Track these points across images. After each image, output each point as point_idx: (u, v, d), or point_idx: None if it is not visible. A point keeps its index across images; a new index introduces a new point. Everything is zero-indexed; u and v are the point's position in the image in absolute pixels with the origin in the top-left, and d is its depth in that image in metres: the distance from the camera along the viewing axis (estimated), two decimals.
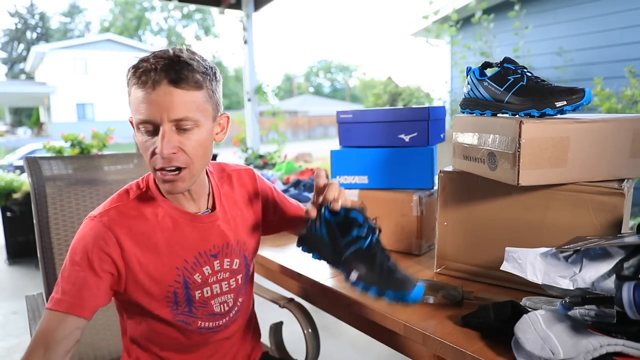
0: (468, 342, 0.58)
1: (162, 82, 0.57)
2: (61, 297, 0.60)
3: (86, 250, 0.62)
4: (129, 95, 0.61)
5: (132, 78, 0.59)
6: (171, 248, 0.66)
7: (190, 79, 0.58)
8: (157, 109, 0.57)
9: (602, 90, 2.51)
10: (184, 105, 0.58)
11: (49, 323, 0.59)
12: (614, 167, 0.67)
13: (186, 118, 0.59)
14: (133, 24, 27.71)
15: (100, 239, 0.62)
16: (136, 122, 0.60)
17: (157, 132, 0.59)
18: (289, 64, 52.23)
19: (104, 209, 0.65)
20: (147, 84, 0.57)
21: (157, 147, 0.58)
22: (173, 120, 0.58)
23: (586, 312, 0.53)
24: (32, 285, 2.60)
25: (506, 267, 0.58)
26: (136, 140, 0.64)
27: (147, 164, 0.62)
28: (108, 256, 0.62)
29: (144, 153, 0.62)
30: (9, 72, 27.85)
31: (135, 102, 0.59)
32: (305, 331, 0.93)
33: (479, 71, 0.76)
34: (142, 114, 0.58)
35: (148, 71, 0.57)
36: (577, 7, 3.49)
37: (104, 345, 0.99)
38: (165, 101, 0.57)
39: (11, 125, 22.85)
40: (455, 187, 0.79)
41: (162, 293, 0.67)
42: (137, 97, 0.58)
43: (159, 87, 0.57)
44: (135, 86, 0.58)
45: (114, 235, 0.63)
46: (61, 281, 0.62)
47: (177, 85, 0.57)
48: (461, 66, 3.73)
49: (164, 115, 0.57)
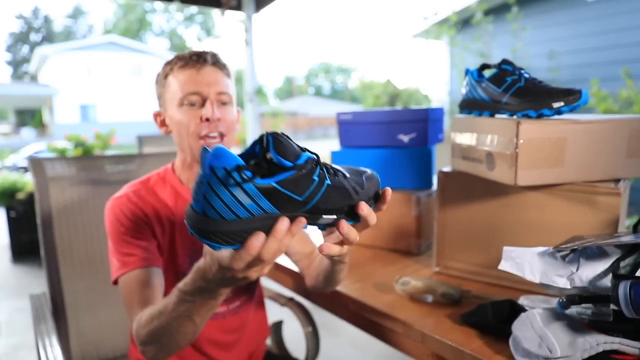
0: (466, 340, 0.58)
1: (206, 63, 0.69)
2: (127, 259, 0.64)
3: (124, 221, 0.67)
4: (163, 86, 0.71)
5: (178, 62, 0.69)
6: (184, 230, 0.71)
7: (225, 66, 0.72)
8: (206, 82, 0.68)
9: (598, 91, 2.51)
10: (224, 83, 0.71)
11: (131, 284, 0.62)
12: (611, 167, 0.67)
13: (226, 92, 0.71)
14: (135, 26, 27.83)
15: (131, 211, 0.68)
16: (183, 96, 0.68)
17: (203, 105, 0.69)
18: (290, 66, 52.31)
19: (126, 191, 0.71)
20: (197, 63, 0.69)
21: (206, 112, 0.67)
22: (218, 93, 0.69)
23: (583, 311, 0.53)
24: (36, 284, 2.62)
25: (504, 267, 0.58)
26: (174, 121, 0.70)
27: (189, 135, 0.69)
28: (144, 223, 0.69)
29: (187, 126, 0.69)
30: (13, 73, 28.02)
31: (183, 79, 0.69)
32: (305, 329, 0.94)
33: (477, 72, 0.76)
34: (193, 87, 0.68)
35: (197, 54, 0.70)
36: (574, 9, 3.49)
37: (107, 343, 1.00)
38: (211, 77, 0.69)
39: (15, 126, 22.97)
40: (454, 187, 0.80)
41: (173, 275, 0.70)
42: (185, 74, 0.69)
43: (205, 66, 0.69)
44: (184, 68, 0.69)
45: (141, 209, 0.69)
46: (117, 255, 0.65)
47: (218, 67, 0.71)
48: (460, 67, 3.73)
49: (211, 88, 0.69)
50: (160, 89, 0.72)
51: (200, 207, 0.36)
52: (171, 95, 0.70)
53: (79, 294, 0.97)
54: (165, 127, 0.73)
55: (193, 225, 0.37)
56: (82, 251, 0.98)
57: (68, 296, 0.96)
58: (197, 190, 0.37)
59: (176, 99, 0.69)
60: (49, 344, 0.78)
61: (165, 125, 0.73)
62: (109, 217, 0.68)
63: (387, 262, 0.91)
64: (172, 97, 0.69)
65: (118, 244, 0.66)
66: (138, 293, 0.60)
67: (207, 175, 0.35)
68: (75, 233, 0.98)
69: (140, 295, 0.60)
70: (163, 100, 0.72)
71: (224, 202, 0.36)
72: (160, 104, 0.73)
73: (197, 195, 0.36)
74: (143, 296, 0.59)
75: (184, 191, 0.73)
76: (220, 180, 0.35)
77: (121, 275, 0.63)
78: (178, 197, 0.73)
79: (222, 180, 0.35)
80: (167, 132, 0.73)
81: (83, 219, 0.99)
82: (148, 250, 0.66)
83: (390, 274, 0.82)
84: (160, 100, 0.73)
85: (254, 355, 0.83)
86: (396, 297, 0.72)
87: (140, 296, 0.60)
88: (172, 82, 0.69)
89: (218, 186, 0.35)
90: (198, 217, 0.37)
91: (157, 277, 0.64)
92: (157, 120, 0.75)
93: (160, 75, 0.72)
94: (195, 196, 0.37)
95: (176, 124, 0.70)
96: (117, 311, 1.01)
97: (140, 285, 0.61)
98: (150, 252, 0.66)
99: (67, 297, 0.95)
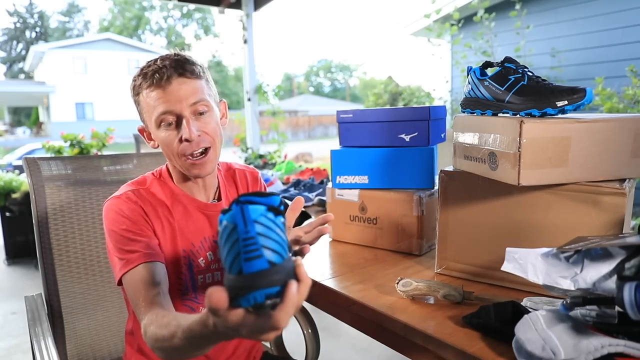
0: (469, 342, 0.58)
1: (173, 76, 0.65)
2: (130, 256, 0.62)
3: (125, 220, 0.66)
4: (138, 104, 0.68)
5: (144, 82, 0.66)
6: (181, 231, 0.71)
7: (193, 70, 0.67)
8: (175, 98, 0.65)
9: (603, 89, 2.51)
10: (196, 91, 0.66)
11: (136, 282, 0.60)
12: (615, 167, 0.66)
13: (201, 100, 0.66)
14: (132, 23, 27.67)
15: (132, 209, 0.67)
16: (156, 117, 0.66)
17: (179, 124, 0.66)
18: (289, 64, 52.25)
19: (125, 191, 0.70)
20: (162, 80, 0.64)
21: (183, 134, 0.65)
22: (192, 105, 0.66)
23: (587, 313, 0.53)
24: (31, 286, 2.60)
25: (507, 268, 0.58)
26: (157, 141, 0.69)
27: (173, 156, 0.68)
28: (144, 221, 0.68)
29: (169, 146, 0.67)
30: (8, 71, 27.82)
31: (152, 101, 0.65)
32: (305, 331, 0.93)
33: (479, 71, 0.75)
34: (164, 106, 0.65)
35: (159, 70, 0.65)
36: (578, 7, 3.48)
37: (103, 345, 0.99)
38: (181, 91, 0.65)
39: (10, 125, 22.83)
40: (456, 187, 0.79)
41: (173, 274, 0.70)
42: (153, 96, 0.65)
43: (173, 80, 0.65)
44: (149, 88, 0.65)
45: (141, 207, 0.68)
46: (118, 253, 0.64)
47: (185, 77, 0.66)
48: (462, 66, 3.72)
49: (183, 103, 0.65)
50: (136, 106, 0.71)
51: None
52: (148, 115, 0.68)
53: (75, 296, 0.96)
54: (152, 141, 0.72)
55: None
56: (78, 252, 0.97)
57: (64, 298, 0.94)
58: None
59: (152, 119, 0.67)
60: (45, 347, 0.77)
61: (152, 139, 0.72)
62: (109, 216, 0.67)
63: (389, 263, 0.90)
64: (149, 116, 0.68)
65: (119, 242, 0.64)
66: (144, 291, 0.59)
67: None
68: (71, 234, 0.96)
69: (146, 293, 0.59)
70: (142, 117, 0.71)
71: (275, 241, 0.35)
72: (142, 120, 0.72)
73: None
74: (149, 294, 0.59)
75: (179, 192, 0.74)
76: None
77: (125, 274, 0.62)
78: (174, 197, 0.73)
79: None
80: (155, 146, 0.72)
81: (80, 220, 0.97)
82: (150, 246, 0.65)
83: (392, 275, 0.81)
84: (141, 117, 0.71)
85: (250, 355, 0.83)
86: (397, 298, 0.72)
87: (147, 294, 0.59)
88: (143, 101, 0.68)
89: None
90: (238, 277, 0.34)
91: (161, 272, 0.63)
92: (143, 135, 0.73)
93: (133, 91, 0.69)
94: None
95: (160, 143, 0.69)
96: (114, 313, 1.00)
97: (145, 283, 0.60)
98: (152, 248, 0.65)
99: (63, 299, 0.94)
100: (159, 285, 0.60)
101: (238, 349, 0.80)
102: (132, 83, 0.68)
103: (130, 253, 0.63)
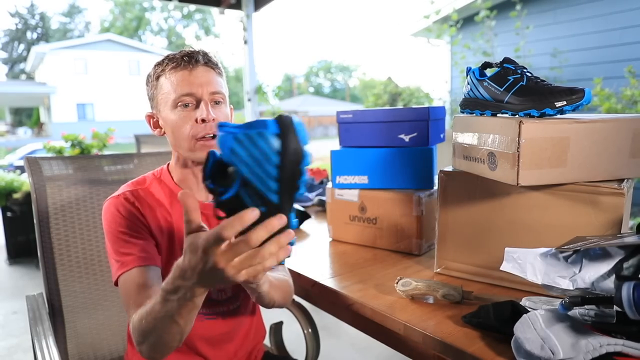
0: (468, 341, 0.58)
1: (198, 64, 0.69)
2: (125, 259, 0.63)
3: (121, 220, 0.67)
4: (155, 87, 0.70)
5: (171, 63, 0.69)
6: (180, 229, 0.71)
7: (217, 65, 0.72)
8: (198, 83, 0.68)
9: (601, 90, 2.51)
10: (217, 82, 0.71)
11: (128, 285, 0.61)
12: (614, 167, 0.67)
13: (219, 92, 0.71)
14: (133, 24, 27.70)
15: (128, 210, 0.68)
16: (176, 97, 0.68)
17: (197, 106, 0.68)
18: (289, 64, 52.25)
19: (123, 191, 0.71)
20: (191, 63, 0.68)
21: (202, 114, 0.67)
22: (212, 93, 0.69)
23: (586, 312, 0.53)
24: (33, 285, 2.60)
25: (506, 267, 0.58)
26: (167, 123, 0.70)
27: (182, 139, 0.69)
28: (141, 222, 0.69)
29: (180, 128, 0.68)
30: (9, 72, 27.87)
31: (176, 81, 0.68)
32: (305, 331, 0.93)
33: (478, 71, 0.76)
34: (187, 88, 0.68)
35: (188, 54, 0.69)
36: (577, 8, 3.48)
37: (104, 344, 0.99)
38: (204, 77, 0.69)
39: (11, 126, 22.87)
40: (455, 187, 0.79)
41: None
42: (176, 77, 0.68)
43: (198, 67, 0.69)
44: (176, 69, 0.69)
45: (138, 208, 0.69)
46: (115, 255, 0.65)
47: (210, 67, 0.71)
48: (461, 66, 3.73)
49: (205, 89, 0.69)
50: (152, 90, 0.72)
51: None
52: (164, 97, 0.69)
53: (76, 295, 0.96)
54: (159, 128, 0.73)
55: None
56: (79, 252, 0.97)
57: (65, 297, 0.95)
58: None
59: (169, 101, 0.68)
60: (46, 346, 0.78)
61: (158, 126, 0.73)
62: (106, 217, 0.68)
63: (388, 263, 0.90)
64: (165, 98, 0.69)
65: (116, 243, 0.65)
66: (135, 294, 0.60)
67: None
68: (72, 233, 0.97)
69: (136, 296, 0.60)
70: (155, 101, 0.71)
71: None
72: (153, 106, 0.73)
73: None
74: (140, 297, 0.59)
75: (179, 191, 0.73)
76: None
77: (120, 276, 0.63)
78: (173, 197, 0.73)
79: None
80: (161, 133, 0.73)
81: (80, 219, 0.98)
82: (145, 249, 0.65)
83: (391, 275, 0.82)
84: (153, 102, 0.72)
85: (251, 356, 0.83)
86: (397, 298, 0.72)
87: (137, 297, 0.60)
88: (164, 83, 0.69)
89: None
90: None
91: (155, 276, 0.63)
92: (150, 122, 0.74)
93: (151, 76, 0.72)
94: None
95: (171, 125, 0.69)
96: (115, 313, 1.00)
97: (137, 286, 0.61)
98: (148, 251, 0.66)
99: (64, 299, 0.95)
100: (150, 289, 0.61)
101: (239, 350, 0.80)
102: (153, 69, 0.71)
103: (125, 255, 0.64)
